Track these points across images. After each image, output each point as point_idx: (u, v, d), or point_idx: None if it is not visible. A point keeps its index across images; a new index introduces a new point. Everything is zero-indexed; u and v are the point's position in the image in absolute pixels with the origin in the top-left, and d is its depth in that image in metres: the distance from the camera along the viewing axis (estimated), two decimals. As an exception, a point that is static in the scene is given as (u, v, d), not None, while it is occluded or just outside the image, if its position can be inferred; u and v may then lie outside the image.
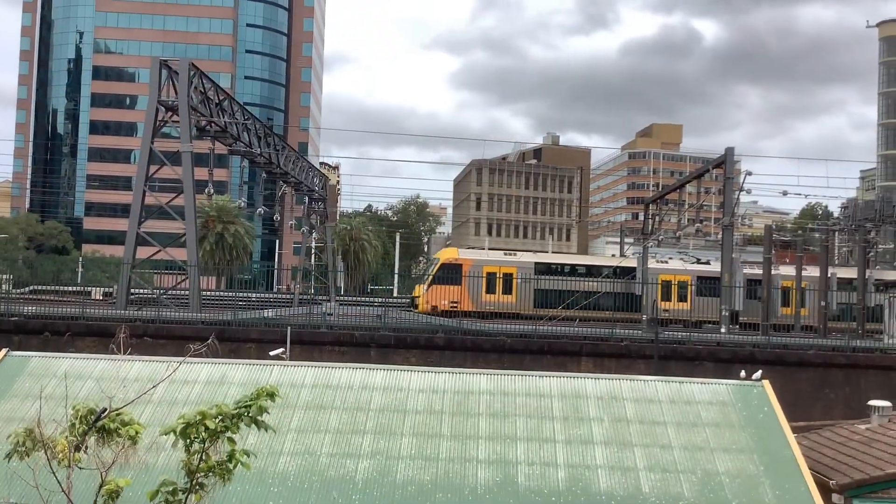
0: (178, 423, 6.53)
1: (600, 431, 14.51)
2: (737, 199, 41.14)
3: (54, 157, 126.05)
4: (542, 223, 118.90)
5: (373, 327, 33.75)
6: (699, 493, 13.24)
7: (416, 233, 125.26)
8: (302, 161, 57.32)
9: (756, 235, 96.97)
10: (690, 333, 35.35)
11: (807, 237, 60.24)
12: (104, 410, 6.87)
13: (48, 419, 7.15)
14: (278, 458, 13.57)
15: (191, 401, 14.63)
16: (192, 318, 33.50)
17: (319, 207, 62.14)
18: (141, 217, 37.04)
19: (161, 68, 36.58)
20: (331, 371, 16.07)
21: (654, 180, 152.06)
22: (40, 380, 15.15)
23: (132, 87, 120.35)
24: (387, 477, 13.31)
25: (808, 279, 46.53)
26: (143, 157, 37.29)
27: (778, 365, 32.23)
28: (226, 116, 41.37)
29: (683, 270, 49.91)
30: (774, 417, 15.04)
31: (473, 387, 15.60)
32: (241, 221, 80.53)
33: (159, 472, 8.59)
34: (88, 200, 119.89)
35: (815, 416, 29.61)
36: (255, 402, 6.70)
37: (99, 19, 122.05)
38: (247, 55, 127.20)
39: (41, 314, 32.79)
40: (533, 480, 13.36)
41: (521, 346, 33.03)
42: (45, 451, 6.74)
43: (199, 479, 6.64)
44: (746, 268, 46.40)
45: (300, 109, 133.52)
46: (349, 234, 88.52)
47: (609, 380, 16.17)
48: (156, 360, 16.06)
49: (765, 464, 13.89)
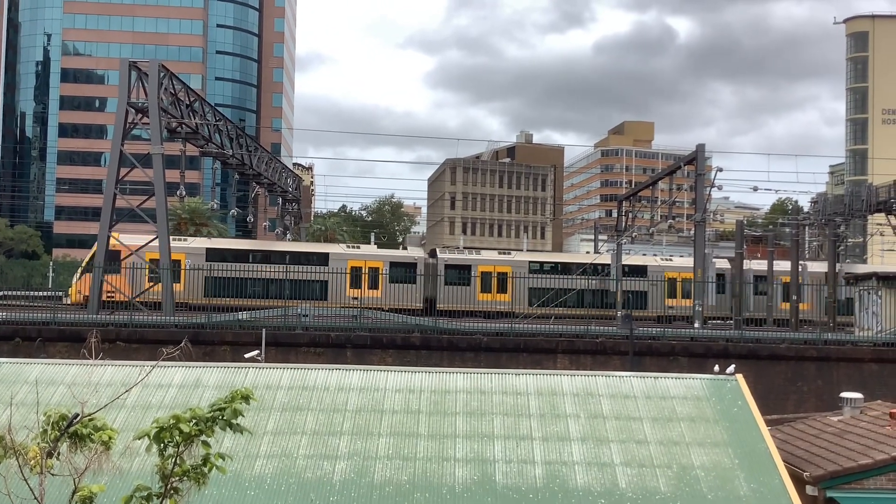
0: (152, 428, 6.47)
1: (577, 428, 14.57)
2: (708, 196, 41.51)
3: (23, 160, 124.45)
4: (516, 221, 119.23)
5: (349, 328, 33.65)
6: (675, 487, 13.34)
7: (391, 233, 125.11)
8: (275, 162, 57.04)
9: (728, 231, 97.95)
10: (665, 329, 35.61)
11: (778, 232, 60.88)
12: (76, 416, 6.79)
13: (19, 426, 7.06)
14: (254, 461, 13.49)
15: (165, 405, 14.50)
16: (166, 322, 33.23)
17: (293, 208, 61.87)
18: (112, 220, 36.68)
19: (130, 70, 36.26)
20: (307, 372, 16.00)
21: (627, 178, 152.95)
22: (11, 386, 14.94)
23: (101, 89, 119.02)
24: (364, 478, 13.28)
25: (780, 273, 47.27)
26: (114, 160, 36.94)
27: (751, 359, 32.57)
28: (197, 118, 41.06)
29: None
30: (748, 411, 15.19)
31: (450, 386, 15.60)
32: (214, 223, 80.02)
33: (133, 477, 8.51)
34: (58, 204, 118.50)
35: (789, 409, 29.96)
36: (230, 405, 6.66)
37: (67, 21, 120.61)
38: (217, 56, 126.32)
39: (11, 320, 32.35)
40: (510, 478, 13.38)
41: (497, 344, 33.10)
42: (17, 458, 6.65)
43: (174, 484, 6.58)
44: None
45: (272, 110, 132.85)
46: (324, 234, 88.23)
47: (585, 376, 16.24)
48: (128, 365, 15.90)
49: (739, 457, 14.02)
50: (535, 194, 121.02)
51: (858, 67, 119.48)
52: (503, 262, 49.39)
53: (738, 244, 44.86)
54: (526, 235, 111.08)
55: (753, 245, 67.08)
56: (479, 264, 48.81)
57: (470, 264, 48.70)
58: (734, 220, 67.88)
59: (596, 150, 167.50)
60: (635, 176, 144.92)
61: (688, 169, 44.27)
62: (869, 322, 37.01)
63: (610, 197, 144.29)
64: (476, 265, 48.42)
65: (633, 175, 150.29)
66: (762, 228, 79.78)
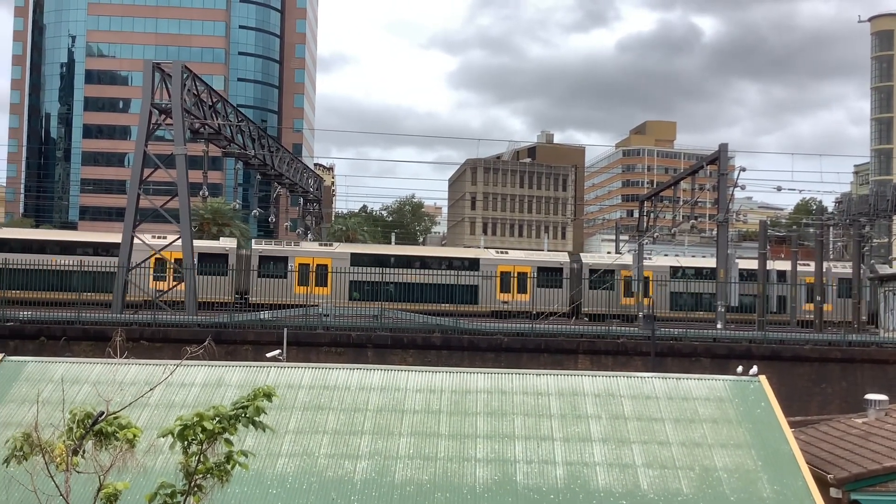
0: (176, 425, 6.53)
1: (598, 429, 14.53)
2: (731, 196, 41.24)
3: (48, 161, 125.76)
4: (537, 221, 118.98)
5: (369, 328, 33.74)
6: (697, 488, 13.26)
7: (411, 233, 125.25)
8: (296, 162, 57.31)
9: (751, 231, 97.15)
10: (687, 330, 35.41)
11: (801, 232, 60.34)
12: (101, 414, 6.86)
13: (46, 423, 7.14)
14: (276, 460, 13.56)
15: (188, 403, 14.61)
16: (189, 321, 33.47)
17: (314, 208, 62.12)
18: (136, 220, 36.98)
19: (154, 71, 36.54)
20: (328, 372, 16.05)
21: (649, 177, 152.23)
22: (37, 384, 15.12)
23: (125, 90, 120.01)
24: (385, 477, 13.31)
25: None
26: (138, 161, 37.25)
27: (774, 360, 32.32)
28: (219, 118, 41.34)
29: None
30: (772, 412, 15.07)
31: (471, 386, 15.60)
32: (236, 223, 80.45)
33: (157, 474, 8.58)
34: (83, 204, 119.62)
35: (812, 411, 29.69)
36: (253, 403, 6.70)
37: (91, 23, 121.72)
38: (239, 57, 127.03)
39: (37, 319, 32.71)
40: (531, 478, 13.36)
41: (517, 344, 33.07)
42: (43, 456, 6.73)
43: (198, 481, 6.63)
44: None
45: (294, 111, 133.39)
46: (344, 234, 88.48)
47: (606, 377, 16.18)
48: (152, 364, 16.03)
49: (762, 459, 13.92)
50: (555, 194, 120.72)
51: (884, 66, 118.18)
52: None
53: (761, 244, 44.54)
54: (546, 236, 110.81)
55: (777, 246, 66.51)
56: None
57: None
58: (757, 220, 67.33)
59: (617, 149, 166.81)
60: (657, 176, 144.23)
61: (710, 169, 44.01)
62: (894, 323, 36.61)
63: (631, 197, 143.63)
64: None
65: (654, 175, 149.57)
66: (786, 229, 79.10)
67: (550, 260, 51.22)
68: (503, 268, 47.13)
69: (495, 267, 46.92)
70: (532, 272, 46.84)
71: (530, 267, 47.76)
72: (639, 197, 66.90)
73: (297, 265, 45.53)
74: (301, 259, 46.39)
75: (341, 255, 47.41)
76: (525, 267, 47.75)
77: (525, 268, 47.55)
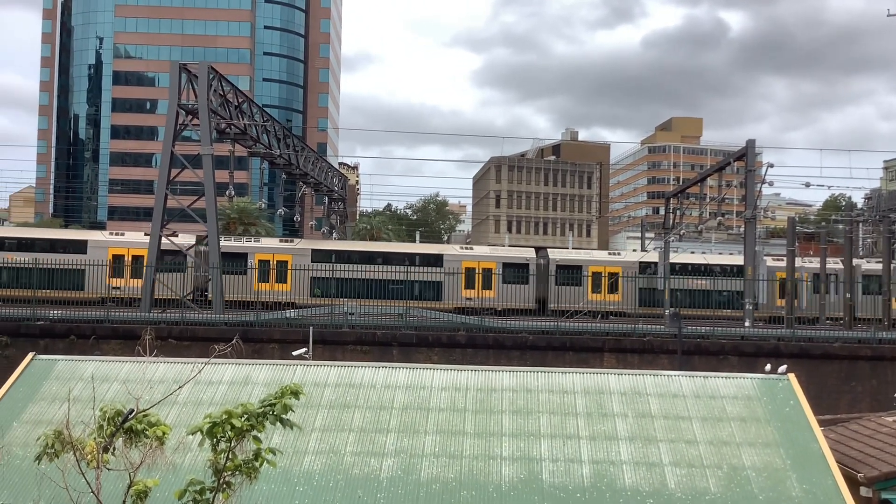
0: (205, 422, 6.58)
1: (624, 427, 14.46)
2: (759, 192, 40.86)
3: (77, 162, 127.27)
4: (561, 219, 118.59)
5: (395, 326, 33.82)
6: (725, 487, 13.16)
7: (435, 231, 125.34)
8: (321, 162, 57.55)
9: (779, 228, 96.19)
10: (714, 328, 35.15)
11: (830, 229, 59.66)
12: (131, 411, 6.93)
13: (76, 421, 7.23)
14: (303, 458, 13.63)
15: (216, 401, 14.72)
16: (216, 320, 33.74)
17: (339, 207, 62.37)
18: (164, 220, 37.33)
19: (180, 72, 36.83)
20: (353, 370, 16.11)
21: (675, 174, 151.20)
22: (67, 383, 15.30)
23: (152, 91, 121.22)
24: (411, 475, 13.34)
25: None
26: (165, 161, 37.58)
27: (803, 358, 32.02)
28: (245, 118, 41.60)
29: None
30: (801, 411, 14.93)
31: (496, 384, 15.59)
32: (261, 223, 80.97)
33: (185, 472, 8.66)
34: (111, 205, 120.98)
35: (842, 409, 29.37)
36: (280, 401, 6.74)
37: (118, 24, 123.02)
38: (264, 57, 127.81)
39: (67, 318, 33.13)
40: (557, 477, 13.33)
41: (543, 342, 33.00)
42: (74, 453, 6.81)
43: (226, 478, 6.68)
44: None
45: (318, 110, 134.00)
46: (369, 233, 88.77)
47: (632, 375, 16.10)
48: (181, 362, 16.17)
49: (791, 458, 13.79)
50: (580, 192, 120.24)
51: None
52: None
53: (789, 241, 44.08)
54: (571, 233, 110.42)
55: (806, 242, 65.84)
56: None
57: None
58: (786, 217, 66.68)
59: (643, 146, 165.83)
60: (683, 173, 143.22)
61: (737, 165, 43.62)
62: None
63: (657, 194, 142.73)
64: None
65: (680, 172, 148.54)
66: (814, 225, 78.23)
67: (516, 256, 50.28)
68: (467, 263, 46.59)
69: (459, 263, 46.36)
70: (497, 268, 46.51)
71: (495, 263, 47.27)
72: (664, 194, 66.48)
73: (257, 262, 45.63)
74: (261, 255, 46.38)
75: (302, 252, 47.15)
76: (490, 263, 47.27)
77: (490, 263, 47.08)
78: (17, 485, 12.65)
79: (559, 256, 50.90)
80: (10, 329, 32.29)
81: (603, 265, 48.31)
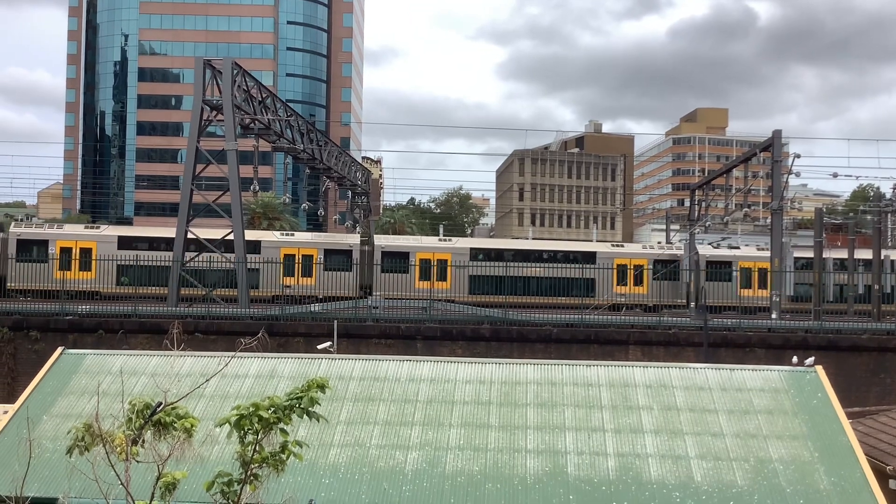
0: (233, 415, 6.64)
1: (650, 420, 14.41)
2: (785, 183, 40.45)
3: (103, 158, 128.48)
4: (585, 212, 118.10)
5: (419, 320, 33.88)
6: (752, 480, 13.08)
7: (459, 224, 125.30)
8: (344, 156, 57.68)
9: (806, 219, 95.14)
10: (741, 320, 34.90)
11: (859, 219, 58.92)
12: (160, 404, 7.00)
13: (105, 414, 7.31)
14: (329, 450, 13.72)
15: (242, 394, 14.85)
16: (242, 314, 33.98)
17: (362, 201, 62.50)
18: (189, 215, 37.61)
19: (205, 68, 37.04)
20: (378, 363, 16.18)
21: (700, 166, 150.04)
22: (96, 376, 15.50)
23: (177, 87, 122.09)
24: (436, 468, 13.37)
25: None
26: (190, 157, 37.84)
27: (831, 350, 31.71)
28: (269, 114, 41.80)
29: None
30: (828, 403, 14.79)
31: (521, 377, 15.58)
32: (286, 217, 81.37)
33: (213, 464, 8.74)
34: (138, 200, 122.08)
35: (871, 402, 29.07)
36: (307, 394, 6.78)
37: (143, 21, 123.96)
38: (288, 52, 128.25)
39: (95, 312, 33.51)
40: (583, 469, 13.32)
41: (567, 335, 32.92)
42: (104, 446, 6.89)
43: (254, 470, 6.74)
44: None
45: (341, 105, 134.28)
46: (393, 227, 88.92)
47: (658, 368, 16.03)
48: (207, 356, 16.32)
49: (819, 450, 13.67)
50: (604, 184, 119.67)
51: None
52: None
53: (817, 232, 43.62)
54: (595, 226, 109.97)
55: (833, 233, 65.09)
56: None
57: None
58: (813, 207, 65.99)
59: (667, 138, 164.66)
60: (708, 164, 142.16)
61: (764, 156, 43.18)
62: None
63: (682, 186, 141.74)
64: None
65: (706, 163, 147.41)
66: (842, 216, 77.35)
67: (340, 242, 49.06)
68: (287, 250, 46.04)
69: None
70: (318, 255, 46.10)
71: (316, 249, 46.81)
72: (689, 185, 65.95)
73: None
74: (63, 243, 45.64)
75: (107, 239, 46.37)
76: (310, 249, 46.82)
77: (310, 250, 46.71)
78: (48, 478, 12.83)
79: (385, 242, 49.65)
80: (39, 324, 32.72)
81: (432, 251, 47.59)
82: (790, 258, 39.98)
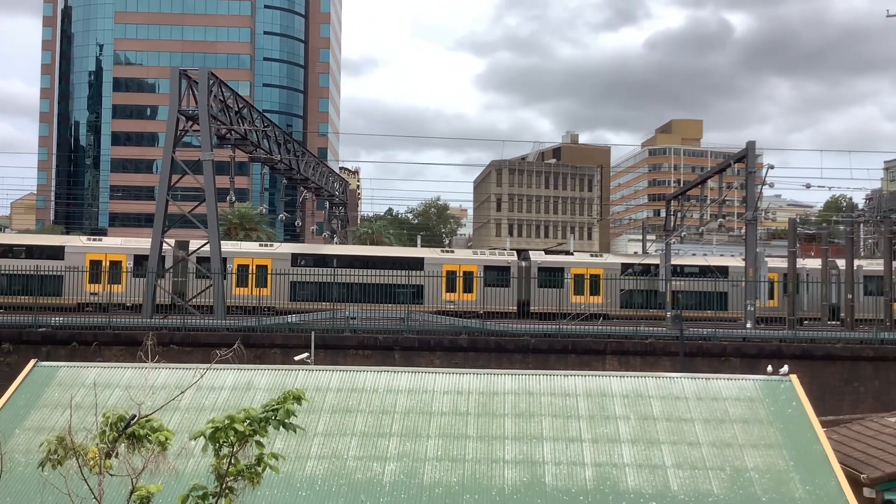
0: (208, 427, 6.59)
1: (627, 430, 14.45)
2: (759, 194, 40.86)
3: (77, 168, 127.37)
4: (562, 222, 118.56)
5: (396, 330, 33.81)
6: (728, 489, 13.15)
7: (437, 235, 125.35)
8: (322, 166, 57.58)
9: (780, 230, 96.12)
10: (716, 330, 35.15)
11: (832, 230, 59.60)
12: (133, 417, 6.94)
13: (78, 427, 7.23)
14: (305, 462, 13.63)
15: (218, 407, 14.73)
16: (218, 325, 33.75)
17: (340, 212, 62.38)
18: (164, 226, 37.35)
19: (181, 78, 36.87)
20: (356, 374, 16.12)
21: (676, 176, 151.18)
22: (69, 389, 15.31)
23: (152, 97, 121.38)
24: (414, 479, 13.33)
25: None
26: (165, 167, 37.61)
27: (805, 359, 31.99)
28: (245, 124, 41.66)
29: None
30: (803, 412, 14.92)
31: (498, 387, 15.59)
32: (263, 228, 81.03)
33: (188, 477, 8.66)
34: (112, 211, 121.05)
35: (845, 410, 29.34)
36: (283, 406, 6.75)
37: (118, 31, 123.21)
38: (265, 63, 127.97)
39: (68, 324, 33.13)
40: (560, 480, 13.33)
41: (545, 345, 32.98)
42: (77, 459, 6.81)
43: (229, 483, 6.69)
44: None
45: (319, 115, 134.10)
46: (370, 237, 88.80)
47: (634, 377, 16.09)
48: (182, 368, 16.18)
49: (794, 459, 13.78)
50: (581, 195, 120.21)
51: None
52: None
53: (790, 243, 44.08)
54: (573, 236, 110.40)
55: (807, 243, 65.77)
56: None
57: None
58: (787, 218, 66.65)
59: (643, 149, 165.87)
60: (684, 175, 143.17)
61: (738, 167, 43.63)
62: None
63: (658, 196, 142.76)
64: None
65: (681, 174, 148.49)
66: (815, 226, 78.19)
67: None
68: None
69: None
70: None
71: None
72: (665, 196, 66.40)
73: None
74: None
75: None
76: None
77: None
78: (20, 492, 12.66)
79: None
80: (12, 336, 32.30)
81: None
82: (764, 268, 40.36)
